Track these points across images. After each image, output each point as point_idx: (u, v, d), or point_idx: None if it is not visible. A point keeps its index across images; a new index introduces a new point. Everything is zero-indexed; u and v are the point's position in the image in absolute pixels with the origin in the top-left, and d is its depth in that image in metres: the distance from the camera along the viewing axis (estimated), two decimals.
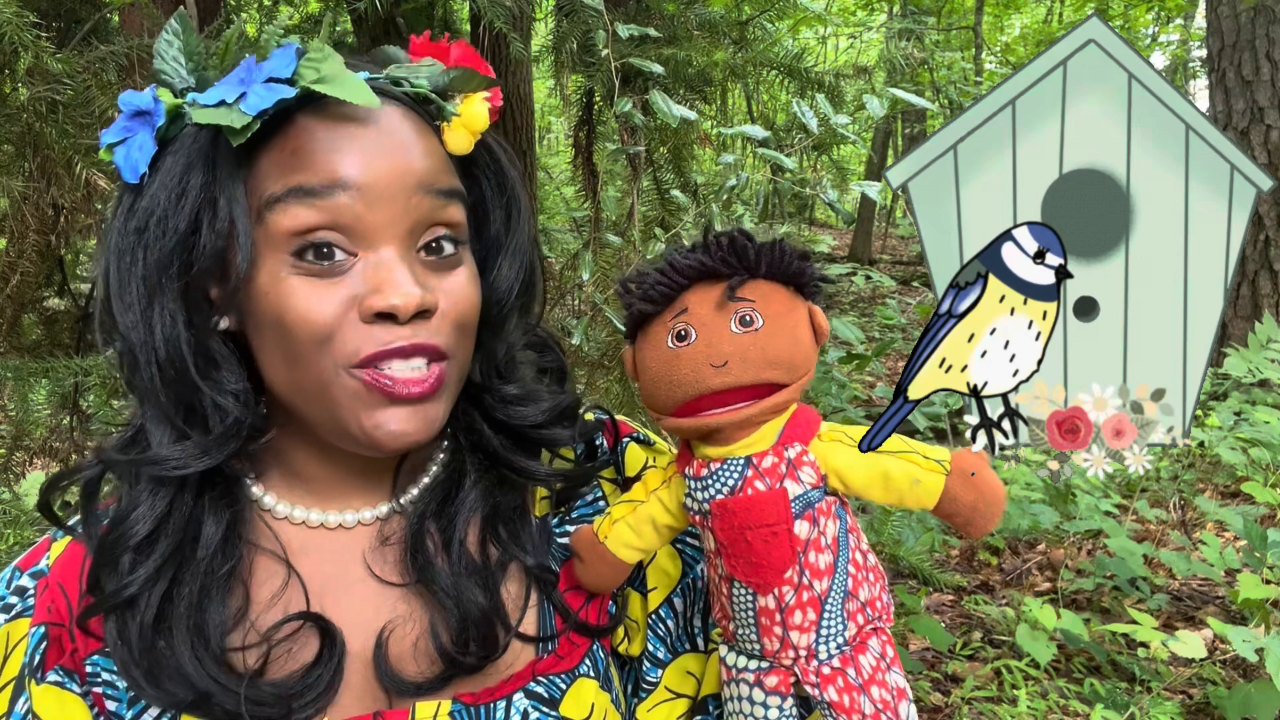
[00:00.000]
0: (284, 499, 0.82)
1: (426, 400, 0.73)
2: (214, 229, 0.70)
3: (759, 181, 1.94)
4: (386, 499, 0.83)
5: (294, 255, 0.70)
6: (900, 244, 12.88)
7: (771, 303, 0.71)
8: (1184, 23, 12.24)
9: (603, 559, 0.79)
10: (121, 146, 0.72)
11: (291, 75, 0.70)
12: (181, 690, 0.73)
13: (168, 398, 0.73)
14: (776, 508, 0.70)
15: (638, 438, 0.94)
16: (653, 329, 0.72)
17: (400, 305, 0.69)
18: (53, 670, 0.77)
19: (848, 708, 0.71)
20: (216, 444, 0.74)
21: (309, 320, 0.70)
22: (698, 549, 0.89)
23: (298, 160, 0.70)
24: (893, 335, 7.03)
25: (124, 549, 0.74)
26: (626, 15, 1.94)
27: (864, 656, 0.73)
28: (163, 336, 0.72)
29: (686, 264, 0.70)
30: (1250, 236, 5.53)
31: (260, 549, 0.79)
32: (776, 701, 0.74)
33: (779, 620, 0.72)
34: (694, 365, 0.70)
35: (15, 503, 1.92)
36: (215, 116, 0.68)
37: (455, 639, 0.78)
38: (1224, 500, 4.11)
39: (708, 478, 0.73)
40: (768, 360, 0.70)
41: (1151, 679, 2.88)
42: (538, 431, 0.84)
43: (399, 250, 0.72)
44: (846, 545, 0.73)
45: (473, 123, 0.77)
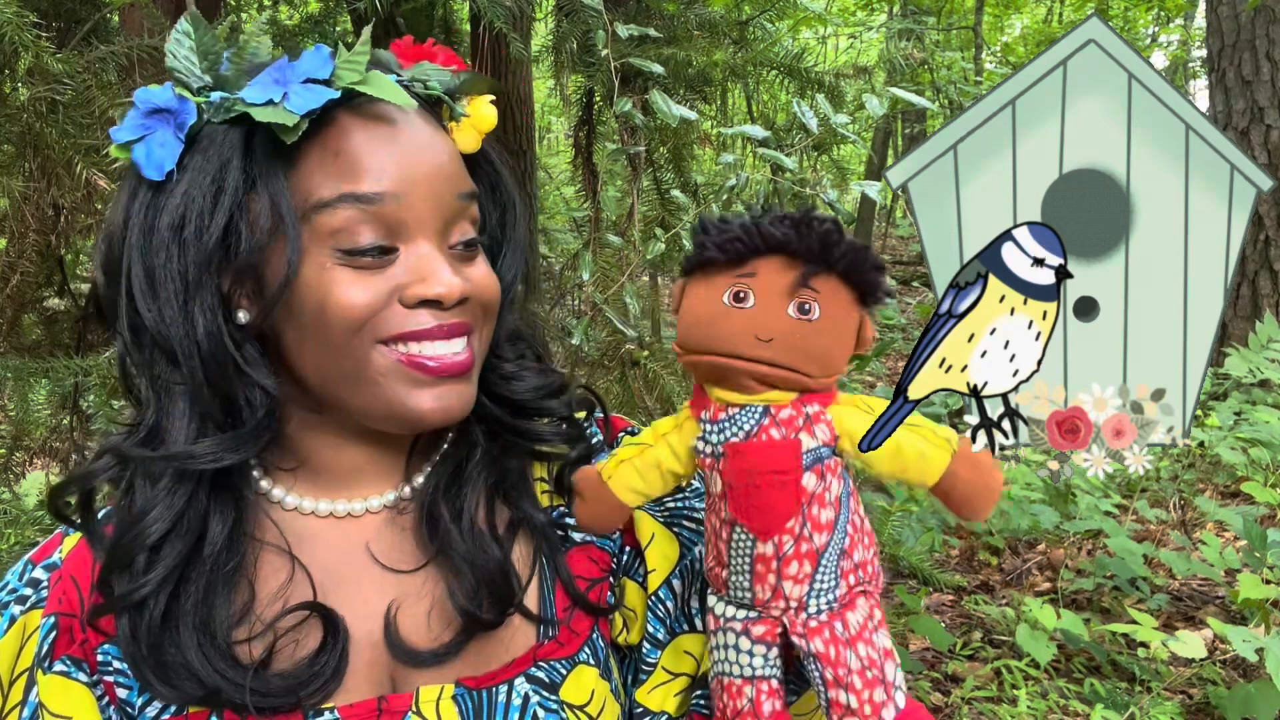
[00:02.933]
0: (293, 490, 0.83)
1: (466, 377, 0.79)
2: (257, 227, 0.72)
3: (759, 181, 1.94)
4: (394, 486, 0.86)
5: (343, 251, 0.73)
6: (900, 244, 12.88)
7: (834, 301, 0.71)
8: (1184, 23, 12.24)
9: (604, 500, 0.80)
10: (140, 144, 0.73)
11: (329, 76, 0.73)
12: (190, 687, 0.74)
13: (211, 392, 0.75)
14: (788, 455, 0.72)
15: (632, 431, 0.96)
16: (716, 278, 0.72)
17: (445, 294, 0.75)
18: (60, 660, 0.78)
19: (833, 660, 0.73)
20: (251, 436, 0.76)
21: (352, 306, 0.73)
22: (695, 531, 0.91)
23: (343, 163, 0.73)
24: (893, 335, 7.03)
25: (141, 548, 0.75)
26: (626, 15, 1.94)
27: (852, 614, 0.75)
28: (205, 331, 0.73)
29: (772, 233, 0.70)
30: (1250, 236, 5.53)
31: (265, 544, 0.81)
32: (762, 650, 0.76)
33: (774, 569, 0.73)
34: (739, 329, 0.70)
35: (15, 503, 1.92)
36: (269, 115, 0.70)
37: (471, 597, 0.80)
38: (1224, 500, 4.11)
39: (724, 421, 0.73)
40: (808, 353, 0.71)
41: (1151, 679, 2.88)
42: (534, 404, 0.88)
43: (436, 244, 0.77)
44: (847, 506, 0.75)
45: (481, 123, 0.82)
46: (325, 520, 0.84)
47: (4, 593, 0.83)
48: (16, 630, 0.80)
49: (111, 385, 1.74)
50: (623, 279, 1.90)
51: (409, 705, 0.79)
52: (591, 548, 0.90)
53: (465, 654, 0.81)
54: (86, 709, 0.78)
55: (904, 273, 10.17)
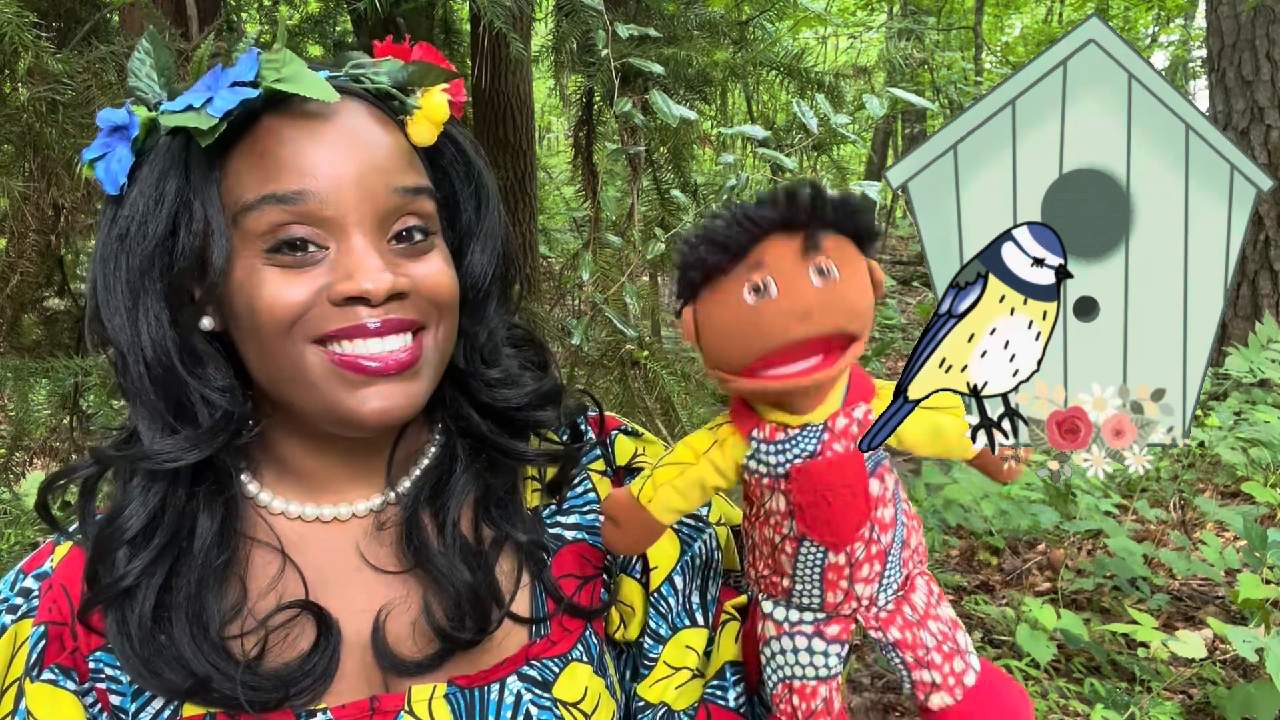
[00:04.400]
0: (278, 494, 0.84)
1: (406, 375, 0.76)
2: (191, 231, 0.74)
3: (759, 181, 1.94)
4: (380, 491, 0.85)
5: (269, 251, 0.73)
6: (900, 244, 12.87)
7: (843, 254, 0.70)
8: (1184, 23, 12.24)
9: (642, 523, 0.78)
10: (101, 161, 0.76)
11: (254, 78, 0.73)
12: (180, 677, 0.75)
13: (157, 395, 0.76)
14: (856, 469, 0.72)
15: (625, 429, 0.96)
16: (725, 284, 0.69)
17: (371, 289, 0.73)
18: (48, 669, 0.78)
19: (910, 643, 0.75)
20: (206, 437, 0.77)
21: (278, 305, 0.73)
22: (694, 527, 0.91)
23: (266, 164, 0.73)
24: (893, 335, 7.03)
25: (119, 543, 0.76)
26: (626, 15, 1.94)
27: (915, 595, 0.77)
28: (149, 336, 0.75)
29: (764, 214, 0.68)
30: (1250, 236, 5.53)
31: (256, 542, 0.81)
32: (836, 649, 0.77)
33: (846, 575, 0.74)
34: (778, 317, 0.68)
35: (15, 503, 1.92)
36: (183, 120, 0.72)
37: (450, 616, 0.80)
38: (1224, 500, 4.11)
39: (784, 442, 0.72)
40: (848, 311, 0.69)
41: (1151, 679, 2.88)
42: (523, 414, 0.87)
43: (369, 239, 0.75)
44: (899, 496, 0.76)
45: (434, 114, 0.80)
46: (312, 525, 0.84)
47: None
48: (7, 639, 0.80)
49: (111, 385, 1.74)
50: (623, 279, 1.90)
51: (401, 705, 0.79)
52: (584, 545, 0.89)
53: (454, 657, 0.81)
54: (73, 716, 0.78)
55: (904, 273, 10.16)
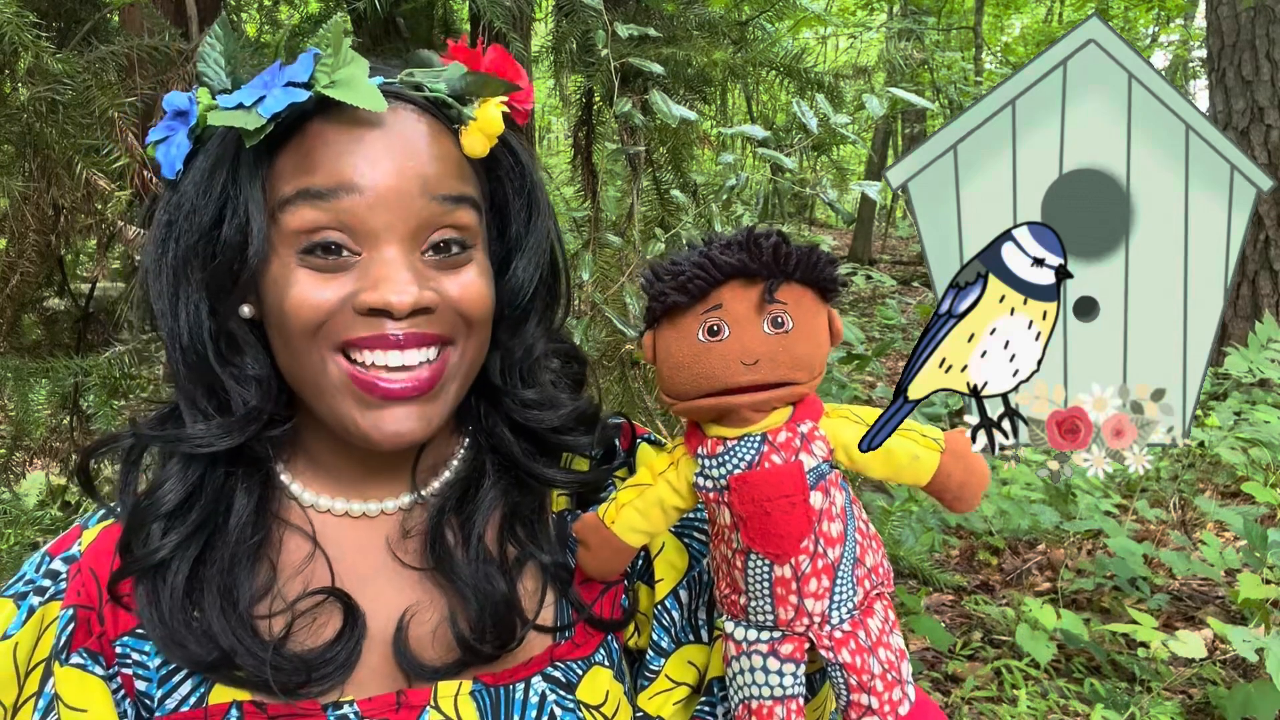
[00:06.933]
0: (309, 487, 0.85)
1: (425, 399, 0.76)
2: (233, 224, 0.75)
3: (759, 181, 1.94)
4: (408, 490, 0.86)
5: (303, 252, 0.74)
6: (900, 244, 12.87)
7: (801, 307, 0.73)
8: (1184, 23, 12.24)
9: (608, 544, 0.81)
10: (163, 145, 0.77)
11: (309, 79, 0.73)
12: (206, 650, 0.76)
13: (191, 381, 0.78)
14: (794, 479, 0.72)
15: (649, 439, 0.96)
16: (683, 320, 0.73)
17: (395, 303, 0.72)
18: (76, 653, 0.79)
19: (859, 668, 0.75)
20: (239, 425, 0.78)
21: (305, 306, 0.73)
22: (705, 543, 0.90)
23: (308, 163, 0.74)
24: (893, 335, 7.03)
25: (154, 517, 0.78)
26: (626, 15, 1.94)
27: (871, 620, 0.76)
28: (186, 323, 0.77)
29: (726, 261, 0.71)
30: (1250, 236, 5.53)
31: (289, 525, 0.83)
32: (791, 669, 0.76)
33: (794, 589, 0.74)
34: (725, 361, 0.71)
35: (15, 503, 1.92)
36: (231, 119, 0.72)
37: (474, 628, 0.80)
38: (1224, 500, 4.10)
39: (724, 454, 0.74)
40: (794, 362, 0.72)
41: (1151, 679, 2.88)
42: (557, 436, 0.86)
43: (402, 250, 0.74)
44: (852, 514, 0.76)
45: (488, 126, 0.79)
46: (341, 519, 0.85)
47: (21, 584, 0.83)
48: (35, 621, 0.81)
49: (112, 385, 1.74)
50: (623, 279, 1.90)
51: (427, 700, 0.80)
52: None
53: (474, 667, 0.81)
54: (101, 701, 0.78)
55: (904, 273, 10.16)
